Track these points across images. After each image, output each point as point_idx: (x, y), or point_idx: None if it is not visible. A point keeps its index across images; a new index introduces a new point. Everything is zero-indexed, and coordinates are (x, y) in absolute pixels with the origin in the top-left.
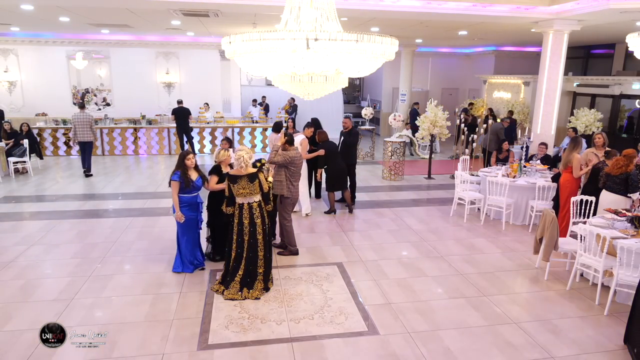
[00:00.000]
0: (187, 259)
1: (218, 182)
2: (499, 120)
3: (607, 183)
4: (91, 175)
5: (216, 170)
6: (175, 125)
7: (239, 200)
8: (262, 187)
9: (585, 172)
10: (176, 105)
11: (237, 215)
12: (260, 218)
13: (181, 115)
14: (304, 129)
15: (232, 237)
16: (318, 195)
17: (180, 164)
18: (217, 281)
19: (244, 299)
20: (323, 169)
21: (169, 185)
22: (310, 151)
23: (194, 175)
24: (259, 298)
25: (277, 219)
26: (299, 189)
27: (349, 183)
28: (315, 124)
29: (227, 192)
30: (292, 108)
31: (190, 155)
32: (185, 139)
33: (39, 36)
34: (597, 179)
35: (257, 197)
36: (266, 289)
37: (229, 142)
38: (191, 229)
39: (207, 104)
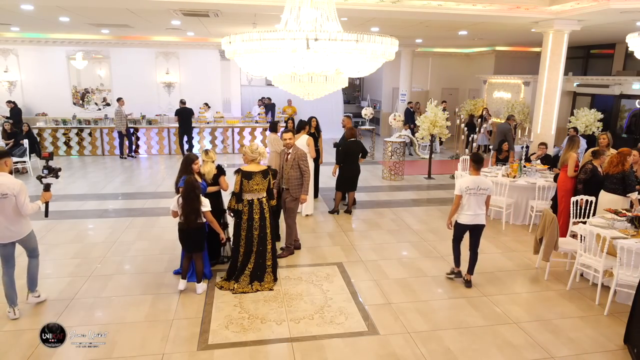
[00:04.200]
0: (205, 269)
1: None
2: (501, 121)
3: (605, 183)
4: (125, 158)
5: (222, 170)
6: (177, 125)
7: (249, 196)
8: (270, 184)
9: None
10: (179, 106)
11: (247, 211)
12: (269, 212)
13: (184, 115)
14: (299, 130)
15: (239, 233)
16: (316, 195)
17: (186, 169)
18: (222, 278)
19: (255, 292)
20: (338, 167)
21: (177, 192)
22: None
23: (198, 179)
24: (272, 289)
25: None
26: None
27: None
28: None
29: (237, 188)
30: (267, 107)
31: (197, 160)
32: (185, 139)
33: (39, 36)
34: (583, 174)
35: (264, 193)
36: (275, 279)
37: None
38: None
39: (207, 104)
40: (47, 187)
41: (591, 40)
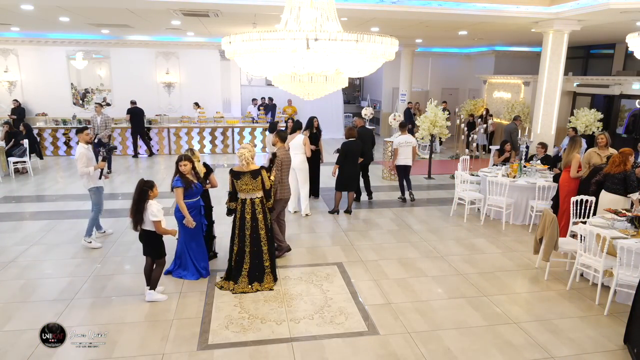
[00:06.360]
0: (200, 265)
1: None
2: (503, 122)
3: (606, 183)
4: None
5: (210, 167)
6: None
7: (241, 195)
8: (264, 184)
9: (583, 173)
10: (130, 106)
11: (239, 210)
12: (262, 213)
13: (136, 115)
14: (294, 130)
15: (233, 231)
16: (317, 194)
17: (177, 170)
18: (222, 278)
19: (255, 292)
20: (338, 167)
21: (172, 191)
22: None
23: (194, 180)
24: (272, 289)
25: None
26: (289, 187)
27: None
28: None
29: (230, 187)
30: (267, 108)
31: (183, 162)
32: (140, 140)
33: (39, 36)
34: (593, 175)
35: (260, 194)
36: (275, 279)
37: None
38: (198, 234)
39: (197, 103)
40: (104, 159)
41: (591, 40)
